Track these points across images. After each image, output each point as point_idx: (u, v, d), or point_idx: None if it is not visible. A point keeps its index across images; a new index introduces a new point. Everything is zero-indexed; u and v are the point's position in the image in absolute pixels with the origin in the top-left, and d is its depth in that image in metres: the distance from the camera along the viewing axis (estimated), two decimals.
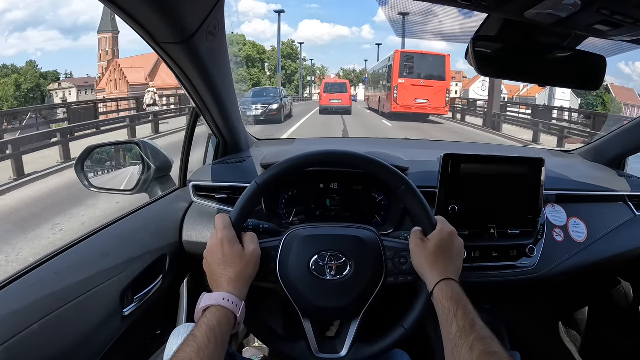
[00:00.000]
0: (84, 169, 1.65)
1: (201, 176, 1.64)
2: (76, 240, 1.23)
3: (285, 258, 1.13)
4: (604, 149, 2.18)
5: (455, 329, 0.93)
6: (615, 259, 1.72)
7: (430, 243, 1.11)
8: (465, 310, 0.96)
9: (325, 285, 1.11)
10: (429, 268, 1.08)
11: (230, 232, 1.07)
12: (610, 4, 0.88)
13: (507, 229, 1.52)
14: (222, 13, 1.11)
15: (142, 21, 0.94)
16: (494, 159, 1.49)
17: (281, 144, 2.13)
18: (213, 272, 1.04)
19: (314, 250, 1.12)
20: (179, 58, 1.13)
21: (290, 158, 1.18)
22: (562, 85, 1.38)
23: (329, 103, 27.83)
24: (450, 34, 61.77)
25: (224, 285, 1.01)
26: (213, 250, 1.06)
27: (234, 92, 1.55)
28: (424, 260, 1.09)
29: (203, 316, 0.95)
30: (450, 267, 1.08)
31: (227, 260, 1.03)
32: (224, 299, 0.97)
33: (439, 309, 1.00)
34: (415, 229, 1.16)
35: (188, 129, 1.66)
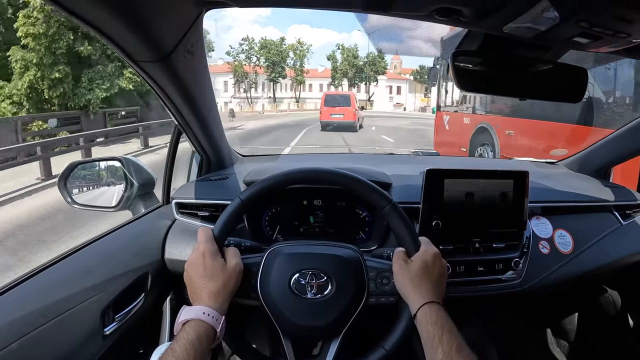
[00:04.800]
0: (67, 185, 1.63)
1: (184, 193, 1.63)
2: (58, 258, 1.22)
3: (266, 275, 1.12)
4: (589, 160, 2.19)
5: (440, 355, 0.93)
6: (602, 269, 1.72)
7: (413, 265, 1.10)
8: (450, 335, 0.96)
9: (306, 303, 1.10)
10: (412, 290, 1.07)
11: (213, 246, 1.07)
12: (589, 16, 0.88)
13: (492, 243, 1.52)
14: (200, 30, 1.11)
15: (117, 40, 0.93)
16: (477, 172, 1.48)
17: (265, 160, 2.11)
18: (194, 285, 1.03)
19: (295, 268, 1.12)
20: (157, 76, 1.12)
21: (275, 174, 1.18)
22: (544, 98, 1.38)
23: (329, 118, 24.93)
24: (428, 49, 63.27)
25: (205, 299, 1.00)
26: (194, 263, 1.05)
27: (216, 109, 1.53)
28: (408, 282, 1.08)
29: (182, 330, 0.95)
30: (434, 290, 1.07)
31: (209, 273, 1.02)
32: (204, 313, 0.96)
33: (423, 333, 1.00)
34: (398, 250, 1.15)
35: (171, 146, 1.65)
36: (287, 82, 67.30)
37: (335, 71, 67.38)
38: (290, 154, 2.25)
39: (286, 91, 69.05)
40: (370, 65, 67.29)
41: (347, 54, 67.25)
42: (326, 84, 68.45)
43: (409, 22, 4.32)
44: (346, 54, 67.31)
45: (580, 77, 1.25)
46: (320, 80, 69.51)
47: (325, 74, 69.13)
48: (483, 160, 2.77)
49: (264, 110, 57.13)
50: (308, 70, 67.23)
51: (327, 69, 69.85)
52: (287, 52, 64.59)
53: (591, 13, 0.86)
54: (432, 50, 59.61)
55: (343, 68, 66.69)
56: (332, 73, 67.63)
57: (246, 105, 62.85)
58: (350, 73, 66.59)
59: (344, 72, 66.72)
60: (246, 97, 65.28)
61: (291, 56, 65.52)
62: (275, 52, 62.87)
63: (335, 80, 67.10)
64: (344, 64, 66.72)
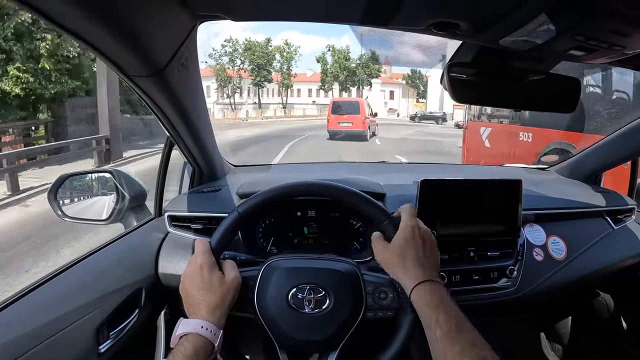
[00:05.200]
0: (57, 198, 1.61)
1: (177, 206, 1.61)
2: (49, 276, 1.19)
3: (263, 288, 1.10)
4: (580, 165, 2.21)
5: (440, 335, 0.91)
6: (595, 274, 1.73)
7: (393, 245, 1.08)
8: (447, 316, 0.93)
9: (303, 318, 1.08)
10: (401, 272, 1.05)
11: (210, 258, 1.05)
12: (586, 30, 0.88)
13: (486, 252, 1.53)
14: (194, 43, 1.10)
15: (110, 55, 0.92)
16: (471, 182, 1.49)
17: (257, 170, 2.10)
18: (191, 297, 1.01)
19: (293, 283, 1.10)
20: (151, 91, 1.11)
21: (274, 188, 1.17)
22: (538, 108, 1.39)
23: (337, 127, 23.12)
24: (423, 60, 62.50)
25: (203, 313, 0.98)
26: (192, 275, 1.03)
27: (209, 120, 1.52)
28: (393, 264, 1.07)
29: (179, 344, 0.93)
30: (422, 266, 1.04)
31: (206, 286, 1.01)
32: (202, 327, 0.95)
33: (422, 316, 0.98)
34: (375, 234, 1.14)
35: (163, 158, 1.63)
36: (274, 86, 64.55)
37: (325, 74, 63.98)
38: (282, 163, 2.22)
39: (273, 96, 65.95)
40: (364, 67, 63.50)
41: (338, 55, 63.70)
42: (315, 89, 65.55)
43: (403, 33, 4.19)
44: (337, 55, 63.75)
45: (573, 87, 1.26)
46: (309, 85, 66.51)
47: (315, 79, 65.90)
48: (475, 168, 2.78)
49: (247, 117, 53.01)
50: (296, 74, 64.25)
51: (316, 73, 66.64)
52: (273, 54, 61.38)
53: (588, 27, 0.87)
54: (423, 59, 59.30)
55: (334, 71, 63.45)
56: (321, 76, 64.19)
57: (229, 111, 59.08)
58: (342, 76, 63.18)
59: (334, 76, 63.34)
60: (229, 103, 62.59)
61: (278, 58, 62.59)
62: (261, 54, 59.72)
63: (325, 84, 63.95)
64: (335, 67, 63.42)
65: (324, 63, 64.34)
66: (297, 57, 64.55)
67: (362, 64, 63.28)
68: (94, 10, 0.73)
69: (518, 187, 1.50)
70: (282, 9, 1.00)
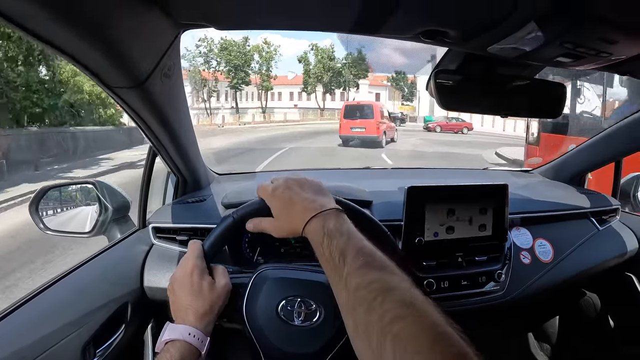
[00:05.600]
0: (39, 210, 1.57)
1: (161, 217, 1.58)
2: (32, 294, 1.16)
3: (253, 297, 1.08)
4: (564, 167, 2.24)
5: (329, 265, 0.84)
6: (581, 274, 1.76)
7: (275, 214, 1.02)
8: (331, 239, 0.85)
9: (292, 330, 1.06)
10: (290, 223, 0.98)
11: (202, 263, 1.02)
12: (574, 38, 0.88)
13: (474, 256, 1.52)
14: (177, 52, 1.08)
15: (92, 67, 0.89)
16: (458, 188, 1.49)
17: (242, 178, 2.08)
18: (179, 301, 0.99)
19: (284, 294, 1.08)
20: (133, 102, 1.08)
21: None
22: (525, 115, 1.40)
23: (349, 132, 21.69)
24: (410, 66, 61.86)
25: (191, 319, 0.95)
26: (182, 279, 1.00)
27: (192, 129, 1.50)
28: (281, 221, 1.01)
29: (165, 349, 0.91)
30: (304, 212, 0.95)
31: (196, 291, 0.98)
32: (189, 334, 0.92)
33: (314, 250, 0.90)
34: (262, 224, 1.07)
35: (146, 168, 1.60)
36: (252, 90, 62.01)
37: (307, 75, 59.75)
38: (268, 171, 2.19)
39: (252, 100, 62.46)
40: (350, 67, 59.13)
41: (321, 55, 59.12)
42: (297, 92, 61.97)
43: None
44: (320, 55, 59.17)
45: (559, 92, 1.27)
46: (291, 88, 62.93)
47: (297, 81, 63.09)
48: (459, 172, 2.79)
49: (224, 123, 48.07)
50: (276, 75, 60.41)
51: (298, 75, 62.47)
52: (251, 55, 57.11)
53: (577, 35, 0.87)
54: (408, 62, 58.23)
55: (317, 72, 59.24)
56: (304, 78, 60.00)
57: (205, 116, 53.72)
58: (326, 77, 59.03)
59: (318, 77, 59.26)
60: (205, 107, 57.81)
61: (256, 59, 58.44)
62: (238, 54, 55.54)
63: (308, 86, 59.98)
64: (318, 67, 59.14)
65: (306, 63, 60.33)
66: (278, 57, 59.98)
67: (348, 64, 59.40)
68: (71, 21, 0.71)
69: (504, 191, 1.50)
70: (269, 17, 0.98)
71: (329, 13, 0.93)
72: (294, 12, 0.93)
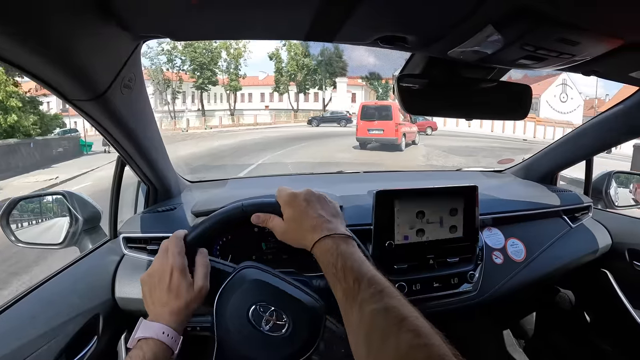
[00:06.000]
0: (10, 222, 1.55)
1: (131, 226, 1.57)
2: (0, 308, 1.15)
3: (229, 290, 1.07)
4: (536, 167, 2.26)
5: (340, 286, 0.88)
6: (555, 272, 1.78)
7: (286, 223, 1.07)
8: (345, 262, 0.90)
9: (257, 335, 1.05)
10: (303, 243, 1.04)
11: (183, 261, 1.01)
12: (533, 40, 0.89)
13: (446, 258, 1.53)
14: (138, 63, 1.07)
15: (48, 80, 0.88)
16: (427, 191, 1.49)
17: (213, 186, 2.06)
18: (155, 297, 0.98)
19: (260, 298, 1.07)
20: (94, 114, 1.08)
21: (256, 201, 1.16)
22: (490, 117, 1.40)
23: (366, 134, 20.40)
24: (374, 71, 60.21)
25: (166, 317, 0.94)
26: (160, 275, 0.99)
27: (160, 138, 1.49)
28: (295, 240, 1.06)
29: (138, 347, 0.90)
30: (318, 227, 1.01)
31: (174, 290, 0.97)
32: (163, 333, 0.91)
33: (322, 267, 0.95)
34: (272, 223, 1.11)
35: (115, 177, 1.58)
36: (220, 90, 55.90)
37: (279, 74, 54.40)
38: (240, 177, 2.16)
39: (221, 102, 57.49)
40: (327, 65, 53.12)
41: (294, 51, 53.12)
42: (269, 93, 56.97)
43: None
44: (294, 51, 53.16)
45: (524, 94, 1.27)
46: (262, 89, 57.52)
47: (269, 82, 57.13)
48: (431, 174, 2.80)
49: (188, 127, 43.54)
50: (245, 75, 55.75)
51: (269, 75, 56.84)
52: (218, 52, 51.28)
53: (536, 38, 0.88)
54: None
55: (290, 69, 53.78)
56: (275, 76, 54.85)
57: (169, 120, 48.55)
58: (300, 76, 53.56)
59: (290, 75, 53.99)
60: (168, 110, 51.38)
61: (224, 57, 52.75)
62: (203, 51, 49.72)
63: (280, 85, 54.56)
64: (291, 64, 53.58)
65: (278, 61, 54.95)
66: (247, 54, 54.15)
67: (324, 61, 53.49)
68: (26, 35, 0.71)
69: (474, 192, 1.51)
70: (225, 29, 0.98)
71: (282, 22, 0.93)
72: (249, 22, 0.93)
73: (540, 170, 2.23)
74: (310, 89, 55.72)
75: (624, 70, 1.17)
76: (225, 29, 0.98)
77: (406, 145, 20.98)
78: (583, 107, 40.67)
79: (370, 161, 16.25)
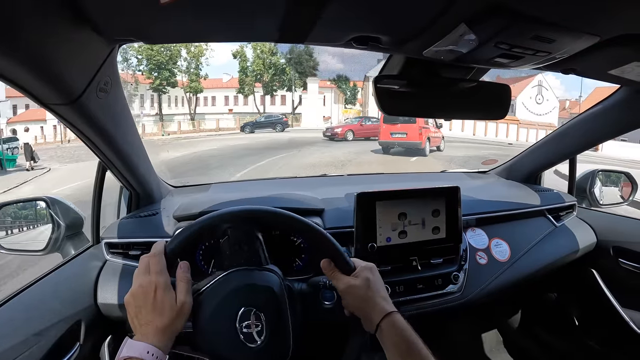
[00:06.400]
0: None
1: (114, 232, 1.55)
2: None
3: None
4: (519, 167, 2.27)
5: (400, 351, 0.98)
6: (540, 271, 1.79)
7: (359, 281, 1.10)
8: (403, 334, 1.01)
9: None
10: (370, 306, 1.08)
11: (166, 278, 0.99)
12: (507, 39, 0.89)
13: (430, 259, 1.54)
14: (113, 67, 1.07)
15: (22, 85, 0.88)
16: (408, 192, 1.49)
17: (196, 191, 2.05)
18: (139, 315, 0.96)
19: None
20: (71, 118, 1.07)
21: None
22: (470, 117, 1.41)
23: (389, 138, 19.48)
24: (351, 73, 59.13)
25: (150, 336, 0.93)
26: (144, 294, 0.97)
27: (140, 143, 1.48)
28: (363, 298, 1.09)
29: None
30: (387, 299, 1.09)
31: (158, 308, 0.95)
32: (148, 352, 0.89)
33: (391, 346, 1.01)
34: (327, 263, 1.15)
35: (96, 183, 1.58)
36: (180, 93, 50.57)
37: (244, 74, 49.46)
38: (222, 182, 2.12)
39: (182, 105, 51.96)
40: (296, 64, 47.34)
41: (261, 49, 47.98)
42: (233, 96, 53.00)
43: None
44: (260, 49, 48.07)
45: (503, 93, 1.27)
46: (226, 92, 53.49)
47: (233, 84, 52.38)
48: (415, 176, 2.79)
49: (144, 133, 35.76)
50: (207, 75, 51.63)
51: (234, 78, 52.01)
52: (177, 50, 46.15)
53: (510, 36, 0.87)
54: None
55: (256, 69, 48.93)
56: (239, 77, 49.85)
57: None
58: (267, 76, 48.75)
59: (256, 76, 48.98)
60: None
61: (184, 56, 47.67)
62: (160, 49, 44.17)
63: (245, 86, 49.58)
64: (257, 63, 48.76)
65: (242, 59, 50.08)
66: (209, 52, 48.63)
67: (293, 59, 47.69)
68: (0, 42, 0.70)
69: (456, 193, 1.52)
70: (197, 31, 0.98)
71: (254, 24, 0.93)
72: (220, 25, 0.93)
73: (524, 171, 2.24)
74: (277, 91, 51.62)
75: (603, 67, 1.17)
76: (197, 31, 0.98)
77: (430, 150, 19.94)
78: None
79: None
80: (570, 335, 2.14)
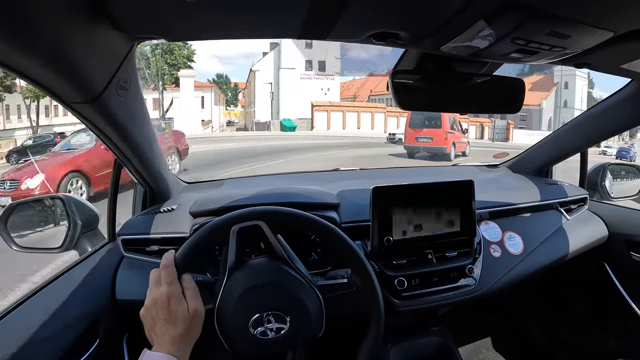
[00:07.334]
0: (8, 227, 1.55)
1: (130, 229, 1.57)
2: None
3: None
4: (530, 160, 2.27)
5: None
6: (553, 264, 1.78)
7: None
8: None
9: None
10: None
11: (177, 288, 1.00)
12: (525, 34, 0.89)
13: (444, 252, 1.54)
14: (132, 65, 1.07)
15: (44, 83, 0.89)
16: (424, 186, 1.50)
17: (210, 187, 2.05)
18: (155, 327, 0.97)
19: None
20: (91, 116, 1.08)
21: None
22: (485, 111, 1.41)
23: (414, 142, 19.32)
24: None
25: (167, 345, 0.94)
26: (158, 306, 0.98)
27: (156, 140, 1.49)
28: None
29: None
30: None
31: (172, 318, 0.96)
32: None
33: None
34: None
35: (112, 180, 1.59)
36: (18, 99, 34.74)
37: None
38: (235, 177, 2.14)
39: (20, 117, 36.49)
40: (166, 54, 36.96)
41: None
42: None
43: None
44: None
45: (517, 87, 1.28)
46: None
47: None
48: (427, 170, 2.79)
49: None
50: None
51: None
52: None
53: (527, 31, 0.88)
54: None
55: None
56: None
57: None
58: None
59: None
60: None
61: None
62: None
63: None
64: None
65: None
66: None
67: (163, 50, 36.62)
68: (22, 40, 0.71)
69: (470, 187, 1.52)
70: (218, 28, 0.98)
71: (277, 21, 0.94)
72: (243, 21, 0.93)
73: (535, 164, 2.25)
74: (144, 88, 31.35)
75: (615, 62, 1.18)
76: (219, 28, 0.99)
77: (455, 156, 19.72)
78: None
79: None
80: (582, 328, 2.14)
